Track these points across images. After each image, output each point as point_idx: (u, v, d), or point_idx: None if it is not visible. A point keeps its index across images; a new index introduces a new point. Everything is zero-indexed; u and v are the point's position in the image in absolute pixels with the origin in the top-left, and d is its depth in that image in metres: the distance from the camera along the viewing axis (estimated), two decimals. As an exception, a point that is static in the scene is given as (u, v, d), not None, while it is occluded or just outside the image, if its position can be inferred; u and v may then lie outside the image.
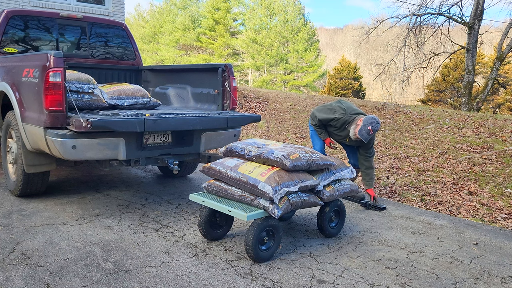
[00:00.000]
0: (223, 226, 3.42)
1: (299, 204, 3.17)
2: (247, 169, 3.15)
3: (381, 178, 5.75)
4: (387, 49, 20.45)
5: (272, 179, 3.00)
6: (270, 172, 3.08)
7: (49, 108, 3.43)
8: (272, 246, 3.08)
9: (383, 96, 39.17)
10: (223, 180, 3.26)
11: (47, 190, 4.44)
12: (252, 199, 3.05)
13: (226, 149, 3.52)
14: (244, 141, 3.51)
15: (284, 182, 3.03)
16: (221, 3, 36.77)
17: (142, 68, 5.92)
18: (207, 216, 3.28)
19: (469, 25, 14.62)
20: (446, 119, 8.51)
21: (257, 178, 3.03)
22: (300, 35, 34.95)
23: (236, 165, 3.23)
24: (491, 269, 3.08)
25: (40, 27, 5.20)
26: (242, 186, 3.10)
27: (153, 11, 43.70)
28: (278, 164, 3.13)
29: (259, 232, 2.97)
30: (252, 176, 3.06)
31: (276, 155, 3.13)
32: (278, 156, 3.12)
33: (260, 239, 2.99)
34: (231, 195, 3.18)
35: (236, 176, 3.14)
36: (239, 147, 3.42)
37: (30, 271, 2.73)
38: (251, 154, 3.29)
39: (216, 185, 3.30)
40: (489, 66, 28.02)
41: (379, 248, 3.38)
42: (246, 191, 3.10)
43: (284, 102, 11.41)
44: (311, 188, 3.26)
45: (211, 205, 3.19)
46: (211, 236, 3.34)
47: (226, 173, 3.21)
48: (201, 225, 3.29)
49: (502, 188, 5.20)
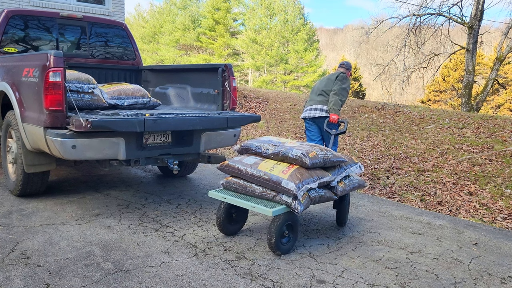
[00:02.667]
0: (239, 222, 3.56)
1: (317, 199, 3.30)
2: (267, 166, 3.27)
3: (381, 178, 5.75)
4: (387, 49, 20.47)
5: (295, 177, 3.12)
6: (291, 169, 3.19)
7: (49, 108, 3.43)
8: (291, 239, 3.22)
9: (383, 96, 39.19)
10: (242, 177, 3.35)
11: (47, 190, 4.44)
12: (274, 196, 3.15)
13: (241, 147, 3.61)
14: (259, 139, 3.63)
15: (305, 179, 3.16)
16: (221, 3, 36.77)
17: (142, 68, 5.92)
18: (225, 212, 3.39)
19: (469, 26, 14.62)
20: (446, 119, 8.52)
21: (279, 176, 3.14)
22: (300, 35, 34.95)
23: (255, 162, 3.34)
24: (491, 270, 3.08)
25: (40, 27, 5.20)
26: (263, 183, 3.19)
27: (153, 11, 43.71)
28: (297, 162, 3.24)
29: (281, 226, 3.10)
30: (274, 174, 3.17)
31: (295, 153, 3.24)
32: (298, 155, 3.23)
33: (281, 233, 3.12)
34: (252, 191, 3.26)
35: (257, 173, 3.24)
36: (255, 145, 3.52)
37: (30, 270, 2.73)
38: (268, 152, 3.40)
39: (235, 182, 3.38)
40: (489, 67, 28.03)
41: (379, 248, 3.38)
42: (268, 188, 3.19)
43: (284, 102, 11.40)
44: (326, 184, 3.40)
45: (233, 201, 3.27)
46: (228, 231, 3.46)
47: (246, 170, 3.31)
48: (219, 220, 3.39)
49: (502, 188, 5.20)
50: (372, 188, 5.42)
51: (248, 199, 3.23)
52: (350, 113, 9.66)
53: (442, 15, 15.39)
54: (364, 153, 6.95)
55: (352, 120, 8.93)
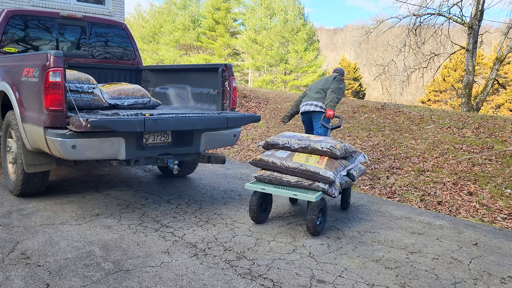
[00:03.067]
0: (267, 210, 3.92)
1: (344, 185, 3.81)
2: (301, 159, 3.68)
3: (381, 178, 5.75)
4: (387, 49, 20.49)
5: (330, 166, 3.60)
6: (324, 160, 3.66)
7: (49, 107, 3.43)
8: (323, 222, 3.64)
9: (383, 96, 39.19)
10: (276, 170, 3.72)
11: (46, 190, 4.44)
12: (310, 184, 3.54)
13: (267, 143, 4.01)
14: (283, 135, 4.05)
15: (338, 168, 3.68)
16: (221, 3, 36.76)
17: (142, 68, 5.92)
18: (258, 202, 3.74)
19: (469, 26, 14.62)
20: (446, 119, 8.52)
21: (316, 166, 3.57)
22: (300, 35, 34.94)
23: (288, 156, 3.74)
24: (491, 270, 3.08)
25: (40, 26, 5.20)
26: (300, 173, 3.59)
27: (153, 11, 43.69)
28: (327, 153, 3.70)
29: (318, 210, 3.50)
30: (310, 165, 3.59)
31: (325, 146, 3.70)
32: (328, 147, 3.69)
33: (318, 216, 3.53)
34: (287, 182, 3.63)
35: (293, 165, 3.62)
36: (282, 140, 3.91)
37: (30, 270, 2.73)
38: (296, 146, 3.80)
39: (269, 174, 3.73)
40: (489, 67, 28.03)
41: (379, 248, 3.38)
42: (304, 178, 3.58)
43: (284, 102, 11.40)
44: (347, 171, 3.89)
45: (273, 191, 3.65)
46: (259, 218, 3.81)
47: (281, 163, 3.68)
48: (253, 210, 3.74)
49: (502, 188, 5.20)
50: (372, 188, 5.42)
51: (285, 189, 3.61)
52: (350, 113, 9.66)
53: (442, 15, 15.39)
54: (364, 153, 6.96)
55: (352, 120, 8.93)
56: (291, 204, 4.52)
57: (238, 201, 4.52)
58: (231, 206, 4.34)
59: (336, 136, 7.92)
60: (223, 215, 4.03)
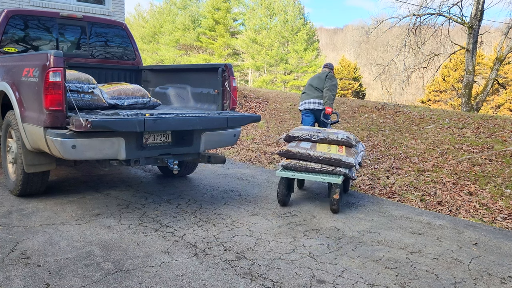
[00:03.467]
0: (290, 193, 4.51)
1: (358, 169, 4.53)
2: (323, 148, 4.29)
3: (381, 178, 5.75)
4: (387, 49, 20.48)
5: (350, 154, 4.28)
6: (343, 149, 4.32)
7: (49, 107, 3.43)
8: (341, 200, 4.35)
9: (383, 96, 39.18)
10: (301, 158, 4.29)
11: (46, 190, 4.44)
12: (333, 169, 4.19)
13: (288, 135, 4.57)
14: (302, 128, 4.64)
15: (355, 155, 4.36)
16: (221, 3, 36.75)
17: (142, 68, 5.92)
18: (285, 187, 4.34)
19: (469, 26, 14.62)
20: (446, 119, 8.51)
21: (338, 154, 4.21)
22: (300, 35, 34.93)
23: (311, 146, 4.33)
24: (491, 270, 3.08)
25: (40, 26, 5.20)
26: (324, 161, 4.21)
27: (153, 11, 43.68)
28: (344, 143, 4.33)
29: (341, 191, 4.21)
30: (333, 153, 4.23)
31: (342, 137, 4.35)
32: (344, 138, 4.34)
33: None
34: (312, 168, 4.24)
35: (318, 154, 4.23)
36: (302, 134, 4.49)
37: (30, 270, 2.73)
38: (317, 138, 4.38)
39: (295, 163, 4.29)
40: (489, 67, 28.03)
41: (379, 248, 3.38)
42: (327, 164, 4.22)
43: (284, 102, 11.40)
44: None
45: (303, 177, 4.28)
46: (284, 201, 4.38)
47: (307, 153, 4.26)
48: (281, 194, 4.34)
49: (502, 188, 5.20)
50: (372, 188, 5.41)
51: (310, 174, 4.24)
52: (350, 113, 9.66)
53: (442, 15, 15.39)
54: (364, 153, 6.96)
55: (352, 120, 8.93)
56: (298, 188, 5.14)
57: (238, 201, 4.52)
58: (231, 206, 4.35)
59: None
60: (223, 215, 4.03)
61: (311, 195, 4.90)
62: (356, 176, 4.44)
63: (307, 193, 5.01)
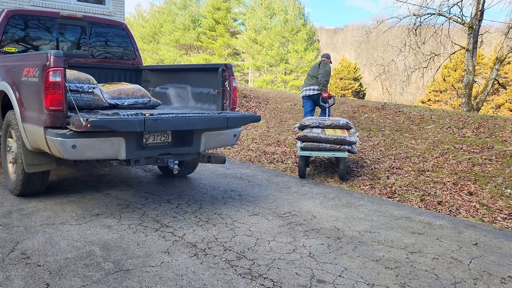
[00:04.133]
0: (306, 168, 5.86)
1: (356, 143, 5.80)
2: (331, 132, 5.62)
3: (381, 178, 5.75)
4: (387, 49, 20.47)
5: (351, 134, 5.64)
6: (345, 132, 5.66)
7: (49, 107, 3.43)
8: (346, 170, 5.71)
9: (383, 96, 39.17)
10: (314, 141, 5.59)
11: (47, 190, 4.44)
12: (339, 147, 5.50)
13: (301, 124, 5.88)
14: (311, 118, 5.90)
15: (354, 135, 5.70)
16: (221, 3, 36.75)
17: (142, 68, 5.92)
18: (303, 163, 5.77)
19: (469, 26, 14.62)
20: (446, 119, 8.51)
21: (343, 135, 5.53)
22: (300, 35, 34.94)
23: (321, 131, 5.65)
24: (491, 270, 3.08)
25: (40, 26, 5.20)
26: (332, 141, 5.50)
27: (153, 10, 43.68)
28: (345, 127, 5.72)
29: (345, 163, 5.60)
30: (339, 135, 5.54)
31: (343, 122, 5.72)
32: (344, 123, 5.73)
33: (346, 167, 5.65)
34: (323, 147, 5.55)
35: (327, 136, 5.54)
36: (312, 122, 5.78)
37: (30, 270, 2.73)
38: (324, 124, 5.73)
39: (310, 144, 5.61)
40: (489, 67, 28.03)
41: (379, 248, 3.38)
42: (334, 144, 5.50)
43: (284, 102, 11.40)
44: None
45: (318, 154, 5.62)
46: (303, 173, 5.79)
47: (319, 136, 5.57)
48: (301, 169, 5.79)
49: (502, 188, 5.20)
50: (372, 188, 5.42)
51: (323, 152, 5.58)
52: (350, 113, 9.66)
53: (442, 15, 15.39)
54: (364, 153, 6.95)
55: (352, 120, 8.93)
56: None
57: (238, 201, 4.52)
58: (231, 206, 4.35)
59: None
60: (223, 215, 4.03)
61: (311, 195, 4.91)
62: (356, 151, 5.71)
63: (307, 192, 5.01)
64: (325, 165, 6.44)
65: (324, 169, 6.24)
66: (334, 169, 6.14)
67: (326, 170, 6.17)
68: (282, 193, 4.95)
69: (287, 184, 5.42)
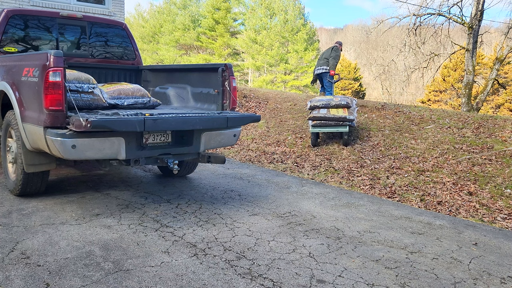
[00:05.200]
0: (317, 140, 7.54)
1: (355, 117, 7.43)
2: (335, 112, 7.19)
3: (381, 178, 5.75)
4: (387, 49, 20.47)
5: (350, 113, 7.21)
6: (346, 110, 7.21)
7: (49, 107, 3.43)
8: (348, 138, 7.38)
9: (383, 96, 39.17)
10: (322, 119, 7.17)
11: (46, 190, 4.44)
12: (342, 123, 7.11)
13: (311, 106, 7.48)
14: (320, 99, 7.51)
15: (353, 111, 7.36)
16: (221, 3, 36.75)
17: (142, 68, 5.92)
18: (314, 137, 7.48)
19: (469, 26, 14.62)
20: (446, 119, 8.51)
21: (344, 114, 7.09)
22: (300, 35, 34.93)
23: (328, 111, 7.25)
24: (491, 270, 3.08)
25: (40, 26, 5.20)
26: (336, 119, 7.09)
27: (153, 10, 43.67)
28: (345, 106, 7.26)
29: (348, 134, 7.26)
30: (341, 114, 7.11)
31: (344, 103, 7.26)
32: (344, 103, 7.27)
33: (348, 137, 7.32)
34: (329, 124, 7.15)
35: (332, 116, 7.13)
36: (320, 103, 7.38)
37: (30, 270, 2.73)
38: (329, 105, 7.31)
39: (319, 122, 7.21)
40: (489, 67, 28.03)
41: (379, 248, 3.38)
42: (338, 121, 7.09)
43: (284, 102, 11.40)
44: None
45: (326, 130, 7.27)
46: (315, 144, 7.46)
47: (326, 116, 7.15)
48: (313, 141, 7.47)
49: (502, 188, 5.20)
50: (372, 188, 5.42)
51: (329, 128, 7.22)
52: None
53: (442, 15, 15.39)
54: (364, 153, 6.96)
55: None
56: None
57: (238, 201, 4.52)
58: (231, 206, 4.35)
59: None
60: (223, 215, 4.03)
61: (310, 195, 4.91)
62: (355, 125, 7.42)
63: (306, 192, 5.02)
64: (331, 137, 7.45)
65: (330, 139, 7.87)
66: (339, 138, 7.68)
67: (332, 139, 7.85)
68: (282, 193, 4.95)
69: (287, 184, 5.42)
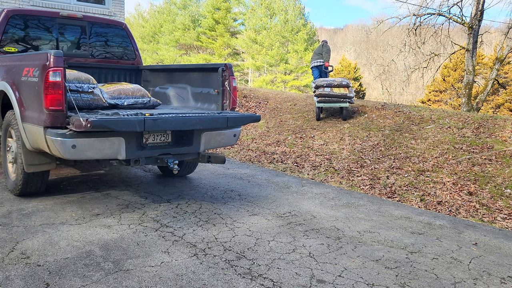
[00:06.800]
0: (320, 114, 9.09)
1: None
2: (337, 90, 8.59)
3: (381, 178, 5.75)
4: (387, 49, 20.47)
5: (350, 91, 8.74)
6: (346, 89, 8.68)
7: (49, 107, 3.43)
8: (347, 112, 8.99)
9: (383, 96, 39.16)
10: (327, 96, 8.62)
11: (46, 190, 4.45)
12: (343, 100, 8.67)
13: (317, 85, 8.82)
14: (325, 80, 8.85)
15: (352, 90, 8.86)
16: (221, 3, 36.74)
17: (142, 68, 5.92)
18: (319, 110, 9.01)
19: (469, 26, 14.62)
20: (446, 119, 8.51)
21: (345, 92, 8.62)
22: (300, 35, 34.92)
23: (330, 90, 8.60)
24: (491, 270, 3.08)
25: (40, 26, 5.20)
26: (338, 96, 8.60)
27: (153, 10, 43.69)
28: (345, 85, 8.69)
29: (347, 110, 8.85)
30: (342, 92, 8.63)
31: (344, 83, 8.69)
32: (345, 83, 8.73)
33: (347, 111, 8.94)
34: (332, 100, 8.65)
35: (334, 93, 8.59)
36: (324, 83, 8.74)
37: (30, 270, 2.73)
38: (332, 85, 8.65)
39: (323, 99, 8.69)
40: (489, 67, 28.03)
41: (379, 248, 3.38)
42: (340, 98, 8.61)
43: (284, 102, 11.40)
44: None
45: (329, 106, 8.82)
46: (319, 117, 9.05)
47: (330, 93, 8.58)
48: (317, 115, 9.03)
49: (502, 188, 5.20)
50: (372, 188, 5.42)
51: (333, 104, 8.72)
52: (350, 113, 9.65)
53: (442, 15, 15.39)
54: (364, 153, 6.96)
55: (352, 120, 8.93)
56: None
57: (238, 201, 4.52)
58: (231, 206, 4.35)
59: (338, 132, 7.92)
60: (223, 215, 4.03)
61: (310, 195, 4.91)
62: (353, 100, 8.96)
63: (306, 192, 5.02)
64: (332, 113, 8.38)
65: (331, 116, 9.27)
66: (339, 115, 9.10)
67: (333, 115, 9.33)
68: (282, 193, 4.95)
69: (287, 184, 5.42)
